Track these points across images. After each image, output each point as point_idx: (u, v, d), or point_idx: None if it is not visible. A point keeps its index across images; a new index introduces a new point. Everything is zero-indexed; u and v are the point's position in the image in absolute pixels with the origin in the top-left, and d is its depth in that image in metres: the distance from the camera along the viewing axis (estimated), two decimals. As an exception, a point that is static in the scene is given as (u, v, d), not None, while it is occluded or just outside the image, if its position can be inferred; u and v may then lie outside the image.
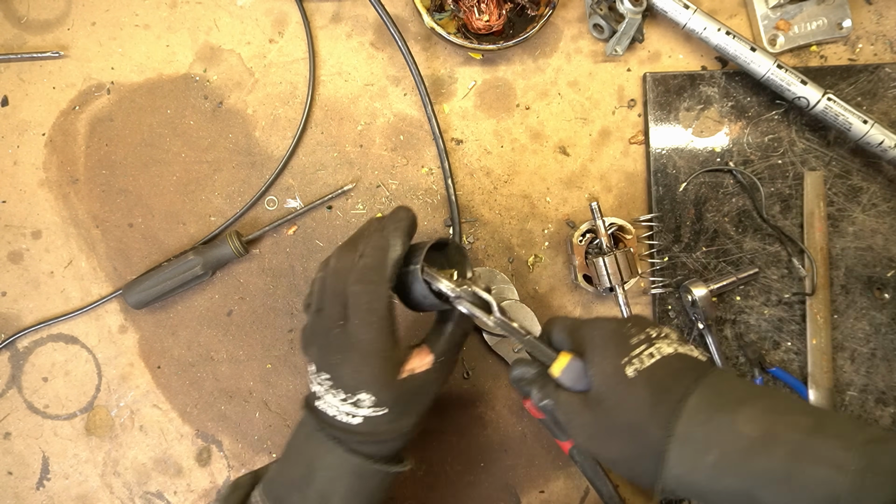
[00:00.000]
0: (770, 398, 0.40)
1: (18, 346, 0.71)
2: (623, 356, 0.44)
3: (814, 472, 0.35)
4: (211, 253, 0.68)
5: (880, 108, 0.70)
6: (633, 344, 0.45)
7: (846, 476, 0.34)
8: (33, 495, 0.70)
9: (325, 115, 0.71)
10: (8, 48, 0.71)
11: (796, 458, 0.36)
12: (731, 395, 0.40)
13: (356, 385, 0.49)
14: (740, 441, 0.38)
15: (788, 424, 0.37)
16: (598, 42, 0.72)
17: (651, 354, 0.44)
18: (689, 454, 0.39)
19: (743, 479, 0.37)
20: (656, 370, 0.43)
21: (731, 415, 0.39)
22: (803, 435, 0.36)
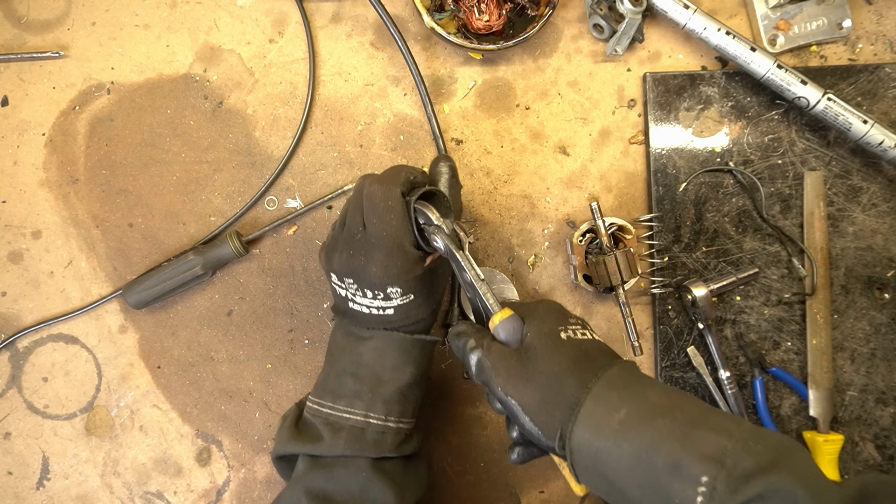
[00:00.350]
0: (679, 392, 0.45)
1: (18, 346, 0.71)
2: (560, 324, 0.49)
3: (707, 435, 0.40)
4: (211, 253, 0.68)
5: (880, 108, 0.70)
6: (570, 321, 0.50)
7: (734, 440, 0.39)
8: (33, 495, 0.70)
9: (325, 115, 0.71)
10: (8, 48, 0.71)
11: (694, 423, 0.41)
12: (645, 379, 0.46)
13: (383, 282, 0.54)
14: (648, 404, 0.43)
15: (691, 403, 0.43)
16: (598, 42, 0.72)
17: (584, 333, 0.50)
18: (600, 411, 0.44)
19: (644, 435, 0.41)
20: (585, 343, 0.49)
21: (643, 388, 0.44)
22: (703, 410, 0.42)
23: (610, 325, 0.71)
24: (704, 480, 0.38)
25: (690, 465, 0.39)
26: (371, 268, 0.54)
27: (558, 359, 0.47)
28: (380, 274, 0.54)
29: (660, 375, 0.69)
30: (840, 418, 0.69)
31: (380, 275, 0.54)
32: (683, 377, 0.70)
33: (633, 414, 0.43)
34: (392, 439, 0.56)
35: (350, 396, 0.56)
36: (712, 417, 0.41)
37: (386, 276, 0.54)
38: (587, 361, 0.47)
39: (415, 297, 0.56)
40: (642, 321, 0.71)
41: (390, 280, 0.54)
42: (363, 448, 0.55)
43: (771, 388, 0.70)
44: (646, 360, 0.71)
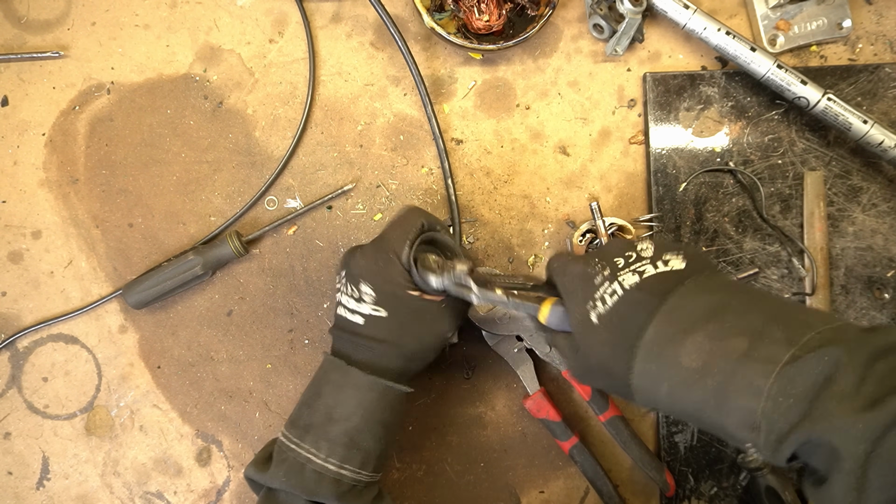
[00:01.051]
0: (718, 319, 0.42)
1: (18, 346, 0.71)
2: (588, 300, 0.47)
3: (737, 400, 0.39)
4: (211, 253, 0.68)
5: (880, 108, 0.70)
6: (596, 284, 0.47)
7: (763, 401, 0.38)
8: (33, 495, 0.70)
9: (325, 115, 0.71)
10: (8, 48, 0.71)
11: (724, 388, 0.40)
12: (683, 322, 0.43)
13: (360, 273, 0.56)
14: (682, 374, 0.42)
15: (724, 352, 0.41)
16: (598, 42, 0.72)
17: (613, 292, 0.46)
18: (648, 386, 0.44)
19: (688, 405, 0.42)
20: (616, 311, 0.45)
21: (677, 347, 0.42)
22: (734, 363, 0.40)
23: (610, 325, 0.71)
24: (748, 446, 0.40)
25: (733, 432, 0.40)
26: (357, 256, 0.57)
27: (598, 350, 0.46)
28: (361, 265, 0.56)
29: (660, 375, 0.69)
30: (840, 418, 0.69)
31: (360, 265, 0.56)
32: (683, 377, 0.70)
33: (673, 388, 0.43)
34: (330, 485, 0.53)
35: (301, 428, 0.55)
36: (743, 371, 0.39)
37: (364, 269, 0.56)
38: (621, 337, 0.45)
39: (387, 318, 0.55)
40: (642, 321, 0.71)
41: (366, 275, 0.55)
42: (300, 485, 0.52)
43: (771, 388, 0.70)
44: (646, 360, 0.71)
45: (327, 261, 0.71)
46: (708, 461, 0.69)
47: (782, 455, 0.39)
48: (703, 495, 0.70)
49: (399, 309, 0.56)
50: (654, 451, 0.70)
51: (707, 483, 0.70)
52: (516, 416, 0.70)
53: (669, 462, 0.69)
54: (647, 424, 0.71)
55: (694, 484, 0.69)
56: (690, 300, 0.44)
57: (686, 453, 0.69)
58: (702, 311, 0.43)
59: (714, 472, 0.70)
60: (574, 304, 0.48)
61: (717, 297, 0.43)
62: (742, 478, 0.69)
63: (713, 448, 0.69)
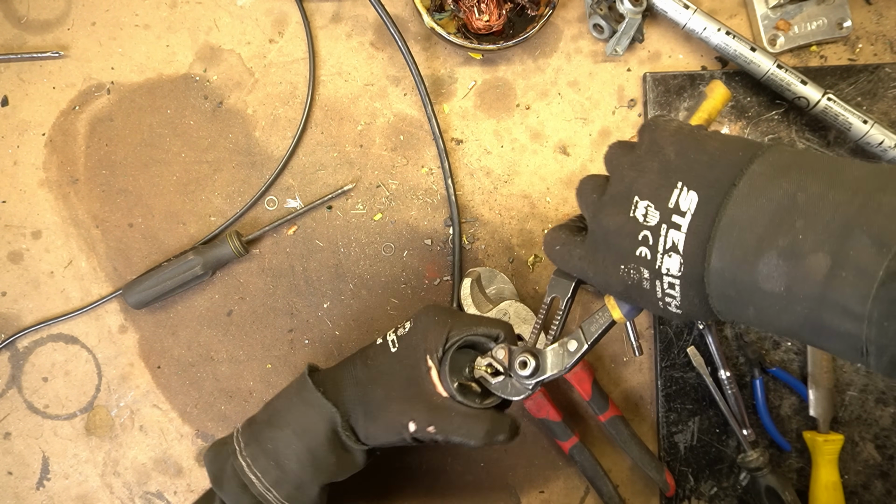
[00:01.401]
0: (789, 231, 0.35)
1: (18, 346, 0.71)
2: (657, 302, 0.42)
3: (835, 328, 0.34)
4: (211, 253, 0.68)
5: (880, 108, 0.70)
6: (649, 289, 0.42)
7: (867, 327, 0.33)
8: (33, 495, 0.70)
9: (325, 115, 0.71)
10: (8, 48, 0.71)
11: (817, 315, 0.34)
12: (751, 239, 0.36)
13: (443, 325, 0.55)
14: (767, 299, 0.36)
15: (805, 274, 0.34)
16: (598, 42, 0.72)
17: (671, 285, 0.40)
18: (732, 308, 0.38)
19: (783, 326, 0.37)
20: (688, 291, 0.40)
21: (751, 273, 0.36)
22: (820, 286, 0.34)
23: (610, 325, 0.71)
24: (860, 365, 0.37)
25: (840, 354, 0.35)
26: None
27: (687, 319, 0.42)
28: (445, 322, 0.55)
29: (660, 376, 0.69)
30: (840, 418, 0.69)
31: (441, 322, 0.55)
32: (683, 377, 0.70)
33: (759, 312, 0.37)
34: None
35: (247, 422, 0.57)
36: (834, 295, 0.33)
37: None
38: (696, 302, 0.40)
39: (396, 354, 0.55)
40: (642, 321, 0.71)
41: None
42: None
43: (771, 388, 0.70)
44: (646, 360, 0.71)
45: (327, 261, 0.71)
46: (708, 461, 0.69)
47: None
48: (703, 495, 0.70)
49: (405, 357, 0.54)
50: (654, 451, 0.70)
51: (707, 483, 0.70)
52: (516, 416, 0.70)
53: (669, 462, 0.69)
54: (648, 424, 0.71)
55: (694, 484, 0.69)
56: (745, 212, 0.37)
57: (686, 453, 0.69)
58: (766, 220, 0.36)
59: (714, 472, 0.70)
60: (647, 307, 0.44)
61: (778, 196, 0.36)
62: (742, 478, 0.69)
63: (713, 448, 0.69)
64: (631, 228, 0.41)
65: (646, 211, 0.40)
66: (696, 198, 0.38)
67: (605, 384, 0.70)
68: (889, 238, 0.32)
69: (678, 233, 0.39)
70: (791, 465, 0.69)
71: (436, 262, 0.71)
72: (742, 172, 0.37)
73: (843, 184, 0.34)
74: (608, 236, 0.43)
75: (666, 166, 0.40)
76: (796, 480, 0.69)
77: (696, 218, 0.38)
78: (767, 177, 0.37)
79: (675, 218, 0.39)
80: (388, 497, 0.70)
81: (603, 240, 0.44)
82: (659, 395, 0.69)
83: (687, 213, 0.38)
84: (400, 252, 0.71)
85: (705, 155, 0.39)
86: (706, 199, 0.38)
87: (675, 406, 0.69)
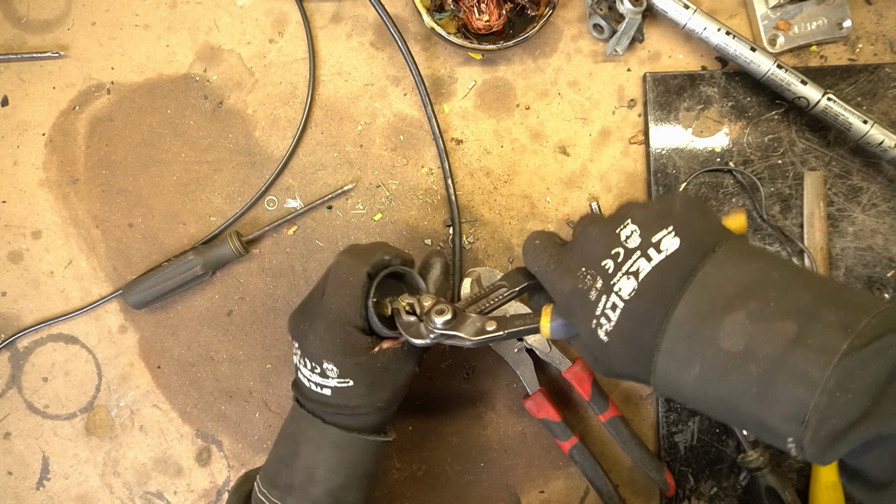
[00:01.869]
0: (761, 298, 0.37)
1: (18, 346, 0.71)
2: (591, 319, 0.43)
3: (785, 391, 0.35)
4: (211, 253, 0.68)
5: (880, 108, 0.70)
6: (593, 300, 0.43)
7: (817, 395, 0.34)
8: (33, 495, 0.70)
9: (325, 115, 0.71)
10: (8, 48, 0.71)
11: (770, 376, 0.35)
12: (720, 299, 0.38)
13: (319, 354, 0.52)
14: (720, 356, 0.37)
15: (770, 336, 0.36)
16: (598, 42, 0.72)
17: (614, 306, 0.41)
18: (674, 368, 0.39)
19: (722, 392, 0.38)
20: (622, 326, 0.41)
21: (714, 328, 0.37)
22: (783, 349, 0.35)
23: (610, 325, 0.71)
24: (790, 441, 0.35)
25: (774, 425, 0.36)
26: (310, 336, 0.52)
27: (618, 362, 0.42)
28: (317, 345, 0.52)
29: (660, 375, 0.69)
30: (840, 418, 0.69)
31: (317, 346, 0.52)
32: (683, 377, 0.69)
33: (706, 371, 0.38)
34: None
35: (283, 489, 0.54)
36: (794, 359, 0.35)
37: (322, 349, 0.52)
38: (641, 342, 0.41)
39: (354, 385, 0.52)
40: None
41: (326, 355, 0.52)
42: None
43: (771, 388, 0.70)
44: (646, 360, 0.71)
45: (327, 261, 0.71)
46: (708, 461, 0.69)
47: (832, 454, 0.35)
48: (703, 495, 0.70)
49: (366, 374, 0.53)
50: (654, 451, 0.70)
51: (707, 483, 0.70)
52: (516, 416, 0.70)
53: (669, 462, 0.69)
54: (648, 424, 0.71)
55: (694, 484, 0.69)
56: (722, 273, 0.39)
57: (686, 453, 0.69)
58: (738, 286, 0.38)
59: (714, 472, 0.70)
60: (577, 322, 0.44)
61: (753, 270, 0.38)
62: (742, 478, 0.69)
63: (713, 448, 0.69)
64: (610, 241, 0.43)
65: (630, 233, 0.43)
66: (677, 245, 0.40)
67: (605, 384, 0.70)
68: (853, 323, 0.35)
69: (647, 264, 0.41)
70: (791, 465, 0.69)
71: (436, 262, 0.71)
72: (725, 241, 0.40)
73: (810, 276, 0.39)
74: (586, 241, 0.45)
75: (668, 211, 0.43)
76: (796, 480, 0.69)
77: (668, 261, 0.40)
78: (746, 252, 0.40)
79: (651, 251, 0.41)
80: (388, 497, 0.70)
81: (580, 244, 0.46)
82: (659, 396, 0.69)
83: (663, 252, 0.41)
84: (400, 252, 0.71)
85: (704, 220, 0.42)
86: (684, 251, 0.40)
87: (675, 406, 0.69)
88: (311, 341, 0.52)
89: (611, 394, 0.69)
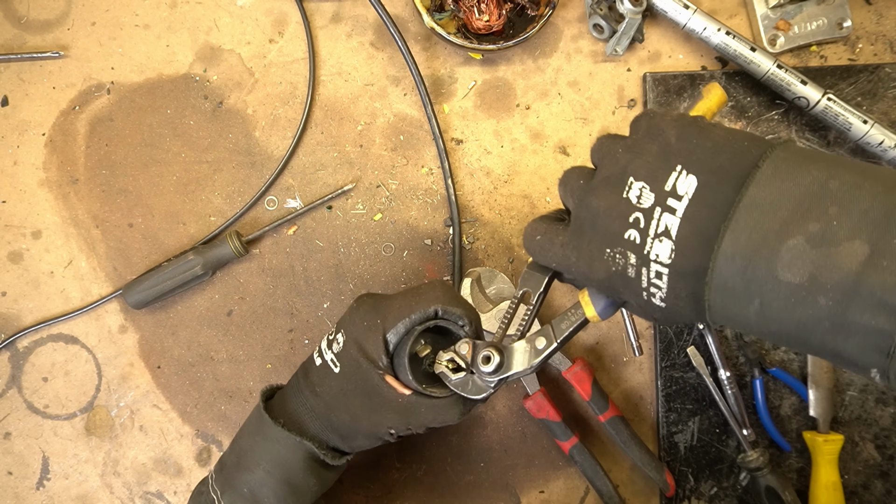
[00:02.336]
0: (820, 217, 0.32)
1: (18, 346, 0.71)
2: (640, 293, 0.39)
3: (864, 321, 0.31)
4: (211, 253, 0.68)
5: (880, 108, 0.70)
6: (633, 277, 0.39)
7: None
8: (33, 495, 0.70)
9: (325, 115, 0.71)
10: (8, 48, 0.71)
11: (843, 307, 0.31)
12: (773, 222, 0.33)
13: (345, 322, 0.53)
14: (782, 290, 0.33)
15: (838, 262, 0.31)
16: (598, 42, 0.72)
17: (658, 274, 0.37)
18: (730, 304, 0.35)
19: (788, 327, 0.33)
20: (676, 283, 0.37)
21: (770, 259, 0.33)
22: (854, 274, 0.31)
23: (610, 325, 0.71)
24: (874, 371, 0.32)
25: (853, 356, 0.32)
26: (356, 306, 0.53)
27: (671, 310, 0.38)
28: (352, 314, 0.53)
29: (660, 376, 0.69)
30: (840, 418, 0.69)
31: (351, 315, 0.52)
32: (683, 377, 0.70)
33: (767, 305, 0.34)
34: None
35: (220, 463, 0.56)
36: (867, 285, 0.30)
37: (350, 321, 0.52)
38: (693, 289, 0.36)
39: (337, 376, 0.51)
40: (642, 321, 0.71)
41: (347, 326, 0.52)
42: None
43: (771, 388, 0.70)
44: (646, 360, 0.71)
45: (327, 261, 0.71)
46: (708, 461, 0.69)
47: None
48: (703, 495, 0.70)
49: (351, 375, 0.50)
50: (654, 451, 0.70)
51: (707, 483, 0.70)
52: (516, 416, 0.70)
53: (669, 462, 0.69)
54: (648, 424, 0.71)
55: (694, 484, 0.69)
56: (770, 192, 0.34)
57: (686, 453, 0.69)
58: (793, 204, 0.33)
59: (714, 472, 0.70)
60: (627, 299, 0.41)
61: (807, 183, 0.33)
62: (742, 478, 0.69)
63: (713, 448, 0.69)
64: (622, 210, 0.38)
65: (640, 192, 0.38)
66: (694, 182, 0.36)
67: (605, 384, 0.70)
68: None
69: (672, 217, 0.36)
70: (791, 465, 0.70)
71: (436, 262, 0.71)
72: (766, 155, 0.35)
73: (877, 177, 0.32)
74: (596, 219, 0.40)
75: (666, 149, 0.38)
76: (796, 480, 0.69)
77: (694, 203, 0.36)
78: (795, 162, 0.34)
79: (671, 201, 0.36)
80: (388, 497, 0.70)
81: (590, 223, 0.40)
82: (659, 395, 0.69)
83: (684, 197, 0.36)
84: (400, 252, 0.71)
85: (709, 141, 0.37)
86: (705, 184, 0.36)
87: (675, 406, 0.69)
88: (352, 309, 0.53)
89: (611, 394, 0.69)
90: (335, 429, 0.53)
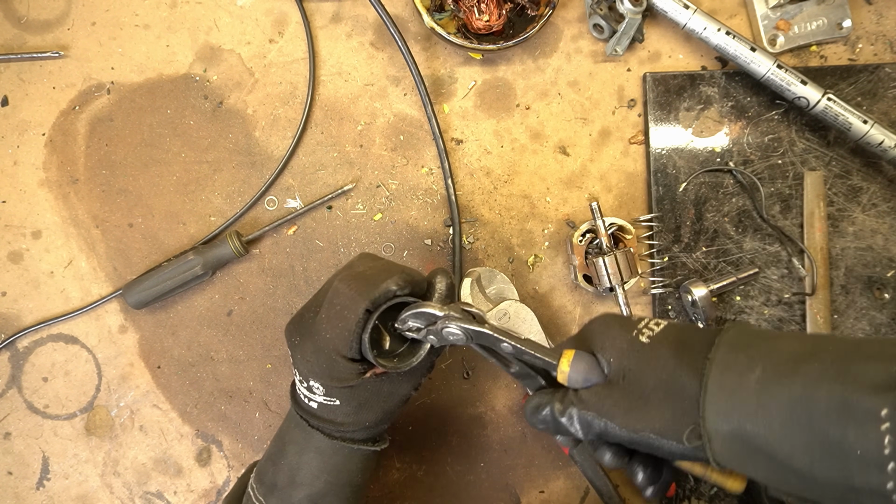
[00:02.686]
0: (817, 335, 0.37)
1: (18, 346, 0.71)
2: (631, 330, 0.43)
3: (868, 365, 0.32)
4: (211, 253, 0.68)
5: (880, 108, 0.70)
6: (637, 323, 0.44)
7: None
8: (33, 495, 0.70)
9: (325, 115, 0.71)
10: (8, 48, 0.71)
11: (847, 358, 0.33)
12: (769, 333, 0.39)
13: (307, 371, 0.51)
14: (784, 355, 0.35)
15: (835, 341, 0.35)
16: (598, 42, 0.72)
17: (657, 323, 0.43)
18: (730, 378, 0.36)
19: (792, 387, 0.34)
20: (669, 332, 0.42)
21: (772, 341, 0.36)
22: (853, 344, 0.34)
23: (610, 325, 0.71)
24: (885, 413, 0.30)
25: (860, 400, 0.31)
26: (299, 353, 0.52)
27: (658, 364, 0.40)
28: (304, 363, 0.51)
29: (660, 375, 0.69)
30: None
31: (304, 364, 0.51)
32: (683, 377, 0.69)
33: (771, 369, 0.35)
34: None
35: (267, 486, 0.54)
36: (867, 347, 0.33)
37: (308, 368, 0.51)
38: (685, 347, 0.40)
39: (340, 405, 0.51)
40: (642, 321, 0.71)
41: (311, 375, 0.51)
42: None
43: (771, 388, 0.70)
44: (646, 360, 0.71)
45: (327, 261, 0.71)
46: (708, 461, 0.69)
47: None
48: (703, 495, 0.70)
49: (353, 396, 0.51)
50: (654, 451, 0.70)
51: (707, 483, 0.69)
52: (516, 416, 0.70)
53: (669, 462, 0.69)
54: (647, 424, 0.71)
55: (694, 484, 0.69)
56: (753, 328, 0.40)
57: (686, 453, 0.69)
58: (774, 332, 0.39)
59: (714, 472, 0.69)
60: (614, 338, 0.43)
61: None
62: (742, 478, 0.69)
63: (713, 448, 0.69)
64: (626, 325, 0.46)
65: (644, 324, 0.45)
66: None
67: (605, 384, 0.70)
68: None
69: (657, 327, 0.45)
70: (791, 465, 0.69)
71: (436, 262, 0.71)
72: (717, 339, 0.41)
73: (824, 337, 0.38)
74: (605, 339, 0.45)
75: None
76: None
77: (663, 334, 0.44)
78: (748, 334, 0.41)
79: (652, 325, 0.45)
80: (388, 497, 0.70)
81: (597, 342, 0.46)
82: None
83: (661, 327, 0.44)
84: (400, 252, 0.71)
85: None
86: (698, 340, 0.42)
87: (675, 406, 0.69)
88: (299, 358, 0.52)
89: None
90: (373, 426, 0.54)
